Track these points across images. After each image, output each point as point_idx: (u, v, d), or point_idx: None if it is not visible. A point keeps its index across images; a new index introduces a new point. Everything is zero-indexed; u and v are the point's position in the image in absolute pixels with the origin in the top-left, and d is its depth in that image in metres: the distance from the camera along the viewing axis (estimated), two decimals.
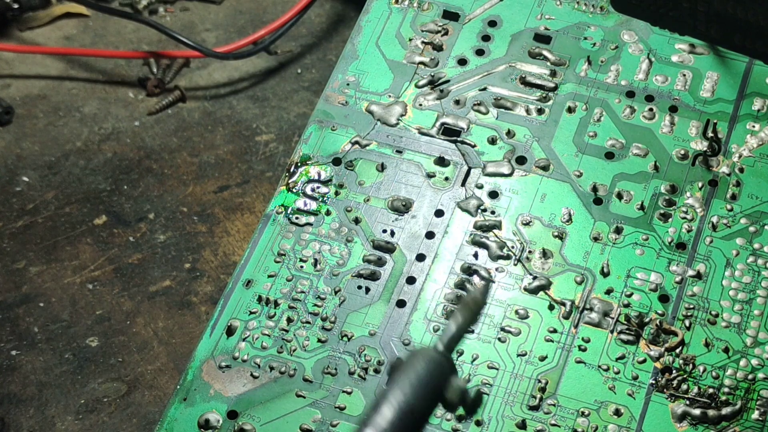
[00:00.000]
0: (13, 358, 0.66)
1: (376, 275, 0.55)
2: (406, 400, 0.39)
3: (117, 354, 0.66)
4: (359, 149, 0.59)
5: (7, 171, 0.76)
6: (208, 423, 0.52)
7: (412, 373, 0.39)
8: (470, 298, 0.42)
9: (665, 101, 0.60)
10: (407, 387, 0.39)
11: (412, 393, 0.39)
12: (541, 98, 0.60)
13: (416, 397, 0.39)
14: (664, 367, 0.52)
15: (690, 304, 0.54)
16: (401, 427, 0.38)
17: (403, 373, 0.39)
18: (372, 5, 0.64)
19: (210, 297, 0.69)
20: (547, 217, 0.57)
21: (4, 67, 0.82)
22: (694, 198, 0.57)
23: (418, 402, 0.39)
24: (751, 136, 0.59)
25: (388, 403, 0.38)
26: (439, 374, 0.40)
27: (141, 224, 0.73)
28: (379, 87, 0.62)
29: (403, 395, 0.39)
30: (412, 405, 0.39)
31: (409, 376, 0.39)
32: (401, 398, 0.39)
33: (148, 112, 0.79)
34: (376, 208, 0.58)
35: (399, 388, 0.39)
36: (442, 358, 0.40)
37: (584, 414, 0.51)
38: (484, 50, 0.62)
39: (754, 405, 0.51)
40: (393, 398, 0.39)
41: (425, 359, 0.40)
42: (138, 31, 0.84)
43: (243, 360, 0.53)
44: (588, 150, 0.59)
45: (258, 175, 0.75)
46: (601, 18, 0.63)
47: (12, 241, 0.72)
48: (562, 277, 0.55)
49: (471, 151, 0.59)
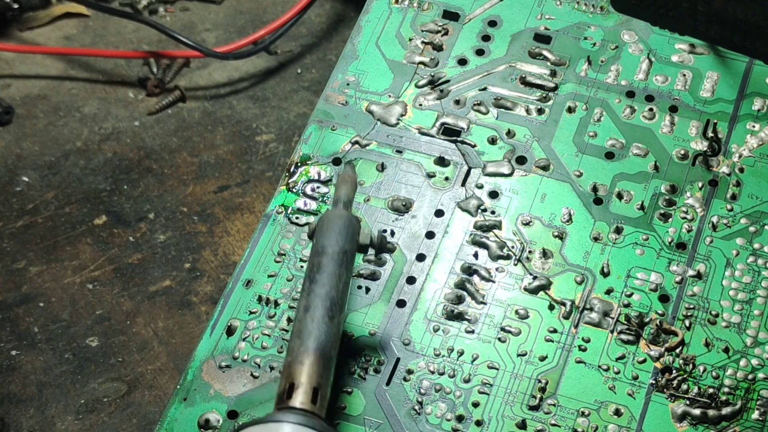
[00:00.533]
0: (13, 358, 0.66)
1: (376, 275, 0.55)
2: (338, 244, 0.49)
3: (117, 354, 0.66)
4: (359, 149, 0.59)
5: (7, 171, 0.76)
6: (208, 423, 0.52)
7: (334, 227, 0.50)
8: (346, 174, 0.53)
9: (665, 101, 0.60)
10: (335, 236, 0.50)
11: (341, 239, 0.50)
12: (541, 98, 0.60)
13: (345, 241, 0.50)
14: (664, 367, 0.52)
15: (690, 304, 0.54)
16: (340, 263, 0.49)
17: (327, 229, 0.50)
18: (372, 5, 0.64)
19: (210, 297, 0.69)
20: (547, 217, 0.57)
21: (4, 67, 0.82)
22: (695, 198, 0.57)
23: (346, 244, 0.50)
24: (751, 136, 0.59)
25: (325, 250, 0.49)
26: (351, 225, 0.50)
27: (141, 224, 0.73)
28: (379, 87, 0.62)
29: (335, 242, 0.49)
30: (343, 246, 0.49)
31: (332, 229, 0.50)
32: (334, 243, 0.49)
33: (148, 112, 0.79)
34: (376, 208, 0.58)
35: (328, 238, 0.49)
36: (349, 214, 0.51)
37: (584, 414, 0.51)
38: (484, 50, 0.62)
39: (754, 405, 0.51)
40: (328, 246, 0.49)
41: (338, 217, 0.50)
42: (138, 31, 0.84)
43: (243, 360, 0.53)
44: (588, 150, 0.59)
45: (258, 175, 0.75)
46: (601, 18, 0.63)
47: (12, 241, 0.72)
48: (562, 277, 0.55)
49: (471, 151, 0.59)
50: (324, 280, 0.48)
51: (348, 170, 0.54)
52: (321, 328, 0.47)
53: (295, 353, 0.47)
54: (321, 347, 0.47)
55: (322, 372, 0.46)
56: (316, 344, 0.47)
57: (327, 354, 0.47)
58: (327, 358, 0.47)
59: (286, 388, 0.46)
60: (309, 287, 0.48)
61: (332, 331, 0.48)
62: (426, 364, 0.53)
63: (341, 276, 0.49)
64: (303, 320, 0.48)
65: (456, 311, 0.54)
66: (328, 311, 0.48)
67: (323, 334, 0.47)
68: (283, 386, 0.46)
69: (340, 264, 0.49)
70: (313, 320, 0.47)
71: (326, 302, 0.48)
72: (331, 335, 0.48)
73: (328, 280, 0.48)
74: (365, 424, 0.51)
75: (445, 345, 0.53)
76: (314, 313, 0.48)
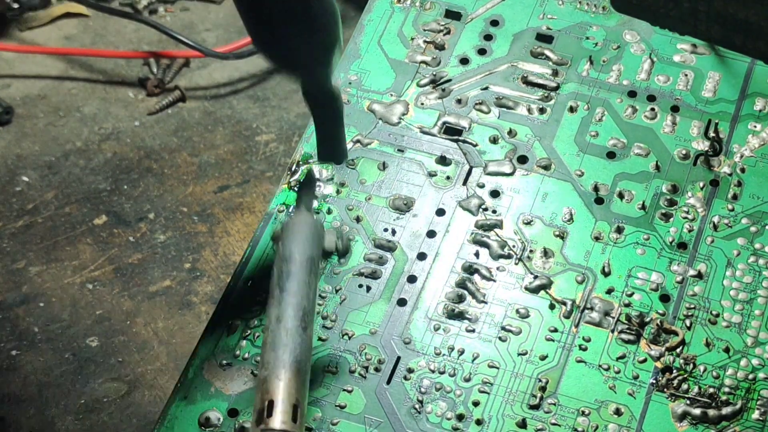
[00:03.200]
0: (13, 358, 0.66)
1: (377, 274, 0.55)
2: (306, 251, 0.49)
3: (117, 354, 0.66)
4: (361, 148, 0.59)
5: (7, 171, 0.76)
6: (208, 421, 0.52)
7: (301, 233, 0.49)
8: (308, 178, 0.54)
9: (667, 101, 0.60)
10: (302, 243, 0.49)
11: (308, 246, 0.49)
12: (543, 98, 0.60)
13: (312, 248, 0.49)
14: (664, 366, 0.52)
15: (691, 303, 0.54)
16: (309, 271, 0.48)
17: (294, 235, 0.49)
18: (374, 4, 0.64)
19: (210, 297, 0.69)
20: (548, 217, 0.57)
21: (4, 67, 0.82)
22: (696, 198, 0.57)
23: (314, 251, 0.49)
24: (753, 136, 0.59)
25: (293, 258, 0.48)
26: (317, 231, 0.50)
27: (141, 224, 0.73)
28: (381, 86, 0.61)
29: (303, 249, 0.49)
30: (311, 254, 0.49)
31: (300, 236, 0.49)
32: (302, 251, 0.49)
33: (148, 112, 0.79)
34: (377, 207, 0.57)
35: (296, 245, 0.49)
36: (313, 218, 0.50)
37: (584, 413, 0.51)
38: (486, 49, 0.62)
39: (754, 405, 0.51)
40: (296, 253, 0.48)
41: (304, 223, 0.50)
42: (138, 31, 0.84)
43: (244, 358, 0.53)
44: (589, 149, 0.59)
45: (258, 175, 0.75)
46: (603, 18, 0.63)
47: (12, 241, 0.72)
48: (563, 277, 0.55)
49: (472, 150, 0.59)
50: (294, 288, 0.48)
51: (309, 174, 0.55)
52: (295, 340, 0.46)
53: (271, 367, 0.46)
54: (296, 360, 0.46)
55: (299, 387, 0.46)
56: (291, 357, 0.46)
57: (303, 368, 0.46)
58: (303, 371, 0.46)
59: (266, 405, 0.45)
60: (280, 296, 0.48)
61: (306, 343, 0.47)
62: (426, 362, 0.53)
63: (311, 284, 0.48)
64: (276, 331, 0.47)
65: (457, 310, 0.54)
66: (301, 321, 0.47)
67: (298, 346, 0.46)
68: (261, 403, 0.45)
69: (309, 272, 0.48)
70: (287, 332, 0.46)
71: (298, 312, 0.47)
72: (305, 347, 0.47)
73: (299, 289, 0.48)
74: (366, 423, 0.51)
75: (445, 344, 0.53)
76: (287, 324, 0.47)
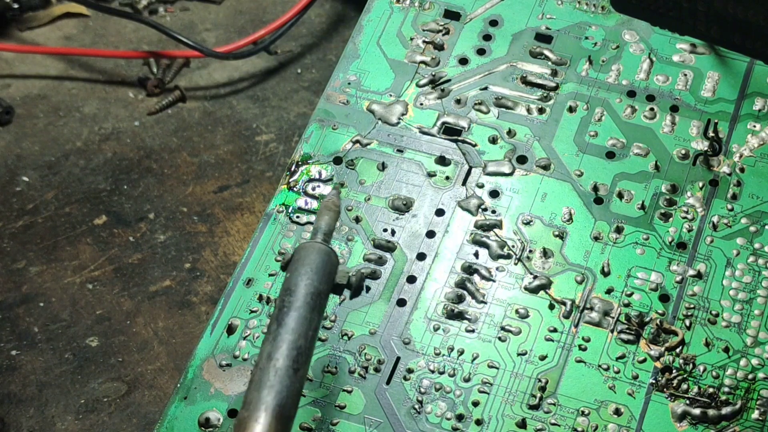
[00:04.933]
0: (13, 358, 0.66)
1: (377, 274, 0.55)
2: (313, 284, 0.46)
3: (117, 354, 0.66)
4: (360, 148, 0.59)
5: (7, 171, 0.76)
6: (208, 422, 0.52)
7: (310, 263, 0.46)
8: (330, 202, 0.49)
9: (666, 101, 0.60)
10: (310, 274, 0.46)
11: (317, 278, 0.46)
12: (542, 98, 0.60)
13: (320, 281, 0.46)
14: (664, 366, 0.52)
15: (690, 303, 0.54)
16: (312, 307, 0.45)
17: (302, 265, 0.46)
18: (373, 4, 0.64)
19: (210, 297, 0.69)
20: (547, 217, 0.57)
21: (4, 67, 0.82)
22: (695, 198, 0.57)
23: (321, 285, 0.46)
24: (752, 136, 0.59)
25: (298, 290, 0.45)
26: (329, 262, 0.47)
27: (141, 224, 0.73)
28: (380, 86, 0.62)
29: (310, 281, 0.46)
30: (318, 287, 0.46)
31: (308, 266, 0.46)
32: (309, 283, 0.45)
33: (148, 112, 0.79)
34: (376, 207, 0.58)
35: (303, 276, 0.46)
36: (328, 249, 0.47)
37: (584, 413, 0.51)
38: (485, 49, 0.63)
39: (754, 405, 0.51)
40: (302, 285, 0.45)
41: (316, 251, 0.47)
42: (138, 31, 0.84)
43: (243, 359, 0.53)
44: (589, 149, 0.59)
45: (258, 175, 0.75)
46: (603, 17, 0.63)
47: (12, 241, 0.72)
48: (563, 277, 0.55)
49: (472, 150, 0.59)
50: (292, 325, 0.44)
51: (332, 196, 0.50)
52: (283, 382, 0.43)
53: (251, 408, 0.42)
54: (281, 405, 0.42)
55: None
56: (276, 401, 0.42)
57: (286, 413, 0.43)
58: (286, 417, 0.43)
59: None
60: (276, 330, 0.44)
61: (295, 386, 0.43)
62: (426, 363, 0.53)
63: (312, 321, 0.45)
64: (265, 369, 0.43)
65: (456, 310, 0.54)
66: (294, 362, 0.43)
67: (285, 389, 0.43)
68: None
69: (312, 308, 0.45)
70: (276, 372, 0.43)
71: (292, 352, 0.44)
72: (294, 391, 0.43)
73: (297, 326, 0.44)
74: (365, 423, 0.51)
75: (445, 344, 0.53)
76: (278, 363, 0.43)
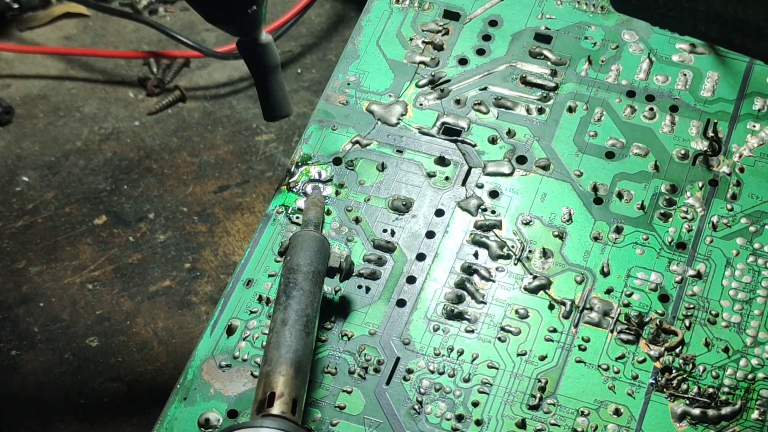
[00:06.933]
0: (13, 358, 0.66)
1: (377, 275, 0.55)
2: (312, 264, 0.51)
3: (117, 354, 0.66)
4: (360, 149, 0.59)
5: (7, 171, 0.76)
6: (208, 422, 0.52)
7: (307, 247, 0.51)
8: (315, 198, 0.55)
9: (666, 101, 0.60)
10: (309, 256, 0.51)
11: (315, 260, 0.51)
12: (542, 98, 0.60)
13: (318, 262, 0.51)
14: (664, 366, 0.52)
15: (690, 303, 0.54)
16: (314, 283, 0.51)
17: (301, 249, 0.51)
18: (373, 5, 0.64)
19: (210, 297, 0.69)
20: (547, 217, 0.57)
21: (4, 67, 0.82)
22: (695, 198, 0.57)
23: (319, 266, 0.51)
24: (752, 136, 0.59)
25: (300, 269, 0.51)
26: (323, 247, 0.52)
27: (141, 224, 0.73)
28: (380, 86, 0.62)
29: (309, 262, 0.51)
30: (317, 267, 0.51)
31: (306, 249, 0.51)
32: (309, 263, 0.51)
33: (148, 112, 0.79)
34: (376, 208, 0.58)
35: (303, 257, 0.51)
36: (321, 236, 0.52)
37: (584, 413, 0.51)
38: (485, 50, 0.63)
39: (753, 405, 0.51)
40: (303, 265, 0.51)
41: (311, 238, 0.52)
42: (138, 31, 0.84)
43: (243, 359, 0.53)
44: (588, 149, 0.59)
45: (258, 175, 0.75)
46: (602, 18, 0.63)
47: (12, 241, 0.72)
48: (562, 277, 0.55)
49: (471, 150, 0.59)
50: (300, 296, 0.50)
51: (316, 193, 0.56)
52: (298, 342, 0.49)
53: (273, 363, 0.48)
54: (299, 360, 0.48)
55: (300, 384, 0.48)
56: (294, 356, 0.48)
57: (304, 368, 0.48)
58: (304, 371, 0.48)
59: (267, 397, 0.47)
60: (286, 302, 0.50)
61: (308, 346, 0.49)
62: (426, 363, 0.53)
63: (315, 295, 0.50)
64: (281, 332, 0.49)
65: (456, 311, 0.54)
66: (305, 327, 0.49)
67: (301, 347, 0.48)
68: (262, 395, 0.47)
69: (314, 284, 0.51)
70: (291, 333, 0.49)
71: (303, 318, 0.49)
72: (308, 349, 0.49)
73: (304, 298, 0.50)
74: (365, 424, 0.51)
75: (445, 344, 0.53)
76: (292, 327, 0.49)
